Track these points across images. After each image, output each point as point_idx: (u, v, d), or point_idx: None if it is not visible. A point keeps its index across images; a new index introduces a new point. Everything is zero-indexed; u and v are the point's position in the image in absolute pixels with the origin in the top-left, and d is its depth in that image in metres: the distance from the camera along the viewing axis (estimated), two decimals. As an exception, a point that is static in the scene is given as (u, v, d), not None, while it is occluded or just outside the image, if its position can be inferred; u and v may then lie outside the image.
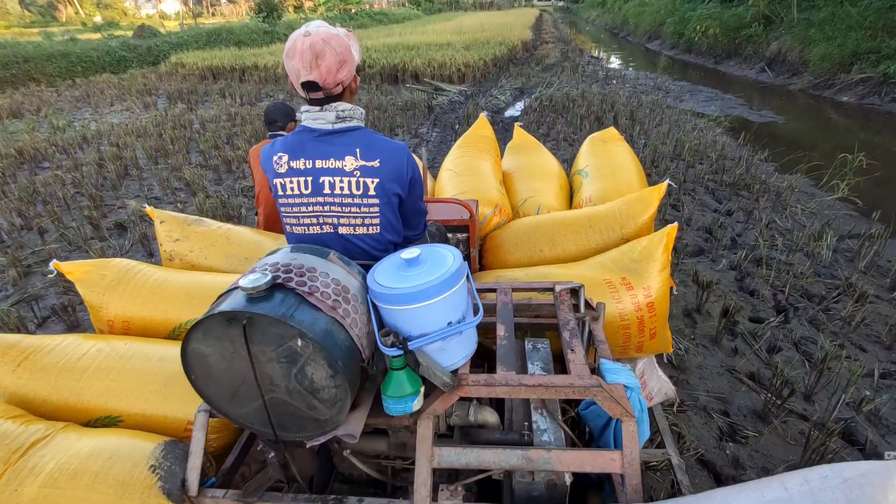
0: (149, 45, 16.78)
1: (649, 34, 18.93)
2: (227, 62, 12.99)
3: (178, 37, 18.41)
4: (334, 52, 1.18)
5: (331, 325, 1.01)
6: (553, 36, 21.62)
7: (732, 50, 12.65)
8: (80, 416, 1.41)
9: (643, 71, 12.85)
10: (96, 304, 1.73)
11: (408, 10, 38.62)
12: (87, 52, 14.79)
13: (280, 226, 2.53)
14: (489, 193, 2.40)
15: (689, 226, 4.09)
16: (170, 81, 12.51)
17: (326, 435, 1.10)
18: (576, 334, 1.32)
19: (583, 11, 42.23)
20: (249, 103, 9.84)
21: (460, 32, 17.32)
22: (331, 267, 1.12)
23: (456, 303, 1.10)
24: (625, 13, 24.13)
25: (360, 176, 1.21)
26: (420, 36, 16.57)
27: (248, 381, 1.04)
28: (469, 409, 1.26)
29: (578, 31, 28.53)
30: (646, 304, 1.72)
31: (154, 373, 1.47)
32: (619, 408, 1.10)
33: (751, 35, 12.08)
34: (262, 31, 20.49)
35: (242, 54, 14.21)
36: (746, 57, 12.01)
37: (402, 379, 1.05)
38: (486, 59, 11.58)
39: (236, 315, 0.95)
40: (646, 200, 2.01)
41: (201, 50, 16.12)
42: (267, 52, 14.56)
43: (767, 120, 7.96)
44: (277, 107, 2.69)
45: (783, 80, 10.41)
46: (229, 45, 17.93)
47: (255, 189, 2.67)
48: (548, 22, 30.64)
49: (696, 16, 14.40)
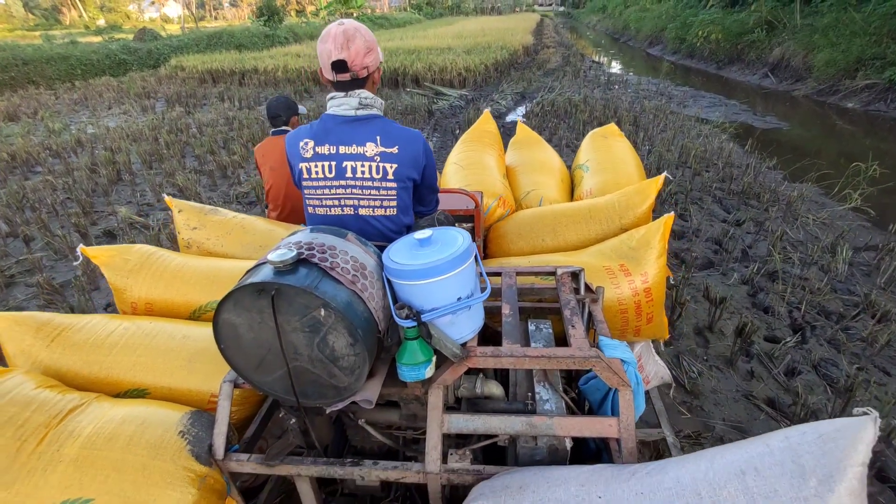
0: (149, 48, 16.77)
1: (650, 39, 18.91)
2: (226, 65, 12.95)
3: (178, 40, 18.38)
4: (364, 38, 1.31)
5: (351, 297, 1.10)
6: (554, 41, 21.37)
7: (735, 55, 12.55)
8: (111, 389, 1.51)
9: (645, 76, 12.66)
10: (121, 287, 1.82)
11: (409, 15, 38.71)
12: (86, 55, 14.74)
13: (292, 219, 2.64)
14: (493, 186, 2.49)
15: (697, 237, 3.88)
16: (169, 85, 12.45)
17: (345, 401, 1.19)
18: (576, 312, 1.40)
19: (583, 17, 42.44)
20: (248, 107, 9.73)
21: (461, 37, 17.28)
22: (349, 246, 1.21)
23: (465, 280, 1.19)
24: (625, 18, 24.13)
25: (380, 161, 1.31)
26: (421, 40, 16.52)
27: (274, 350, 1.13)
28: (476, 381, 1.35)
29: (579, 35, 28.26)
30: (643, 289, 1.81)
31: (178, 349, 1.56)
32: (616, 378, 1.19)
33: (753, 40, 11.97)
34: (262, 34, 20.48)
35: (242, 58, 14.17)
36: (749, 62, 11.92)
37: (416, 348, 1.14)
38: (487, 63, 11.52)
39: (265, 286, 1.04)
40: (644, 192, 2.10)
41: (201, 53, 16.14)
42: (267, 56, 14.44)
43: (772, 126, 7.81)
44: (280, 101, 2.72)
45: (787, 86, 10.26)
46: (230, 48, 17.96)
47: (265, 186, 2.74)
48: (549, 27, 30.36)
49: (697, 21, 14.34)
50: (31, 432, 1.22)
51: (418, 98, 9.71)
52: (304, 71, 11.93)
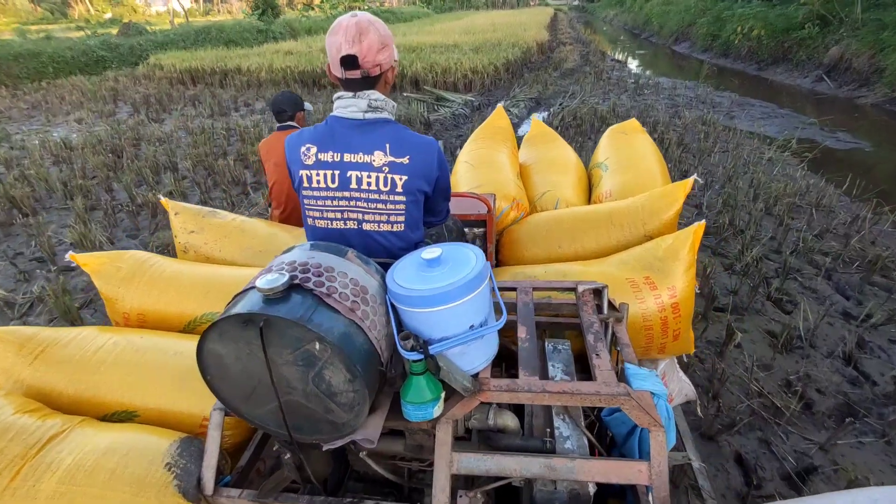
0: (131, 44, 15.29)
1: (676, 35, 17.26)
2: (207, 64, 11.59)
3: (164, 35, 16.91)
4: (378, 32, 1.16)
5: (349, 327, 0.98)
6: (570, 36, 19.41)
7: (780, 55, 10.95)
8: (97, 410, 1.41)
9: (677, 78, 10.91)
10: (112, 297, 1.73)
11: (417, 9, 36.84)
12: (59, 51, 13.24)
13: (295, 219, 2.53)
14: (506, 187, 2.34)
15: (815, 348, 2.55)
16: (144, 85, 11.21)
17: (343, 439, 1.07)
18: (600, 338, 1.27)
19: (599, 11, 40.11)
20: (222, 113, 8.38)
21: (470, 32, 15.83)
22: (349, 266, 1.09)
23: (479, 306, 1.06)
24: (647, 13, 22.34)
25: (388, 172, 1.17)
26: (426, 36, 15.20)
27: (265, 383, 1.01)
28: (488, 412, 1.23)
29: (595, 31, 26.66)
30: (670, 304, 1.66)
31: (170, 367, 1.46)
32: (647, 417, 1.06)
33: (803, 38, 10.34)
34: (255, 29, 18.86)
35: (228, 55, 12.89)
36: (798, 63, 10.27)
37: (423, 384, 1.02)
38: (496, 63, 10.11)
39: (253, 317, 0.92)
40: (671, 196, 1.94)
41: (186, 50, 14.70)
42: (254, 54, 13.13)
43: (850, 146, 6.27)
44: (285, 96, 2.63)
45: (848, 92, 8.66)
46: (218, 44, 16.40)
47: (268, 184, 2.64)
48: (563, 21, 28.25)
49: (735, 15, 12.66)
50: (6, 465, 1.12)
51: (416, 104, 8.18)
52: (290, 71, 10.59)
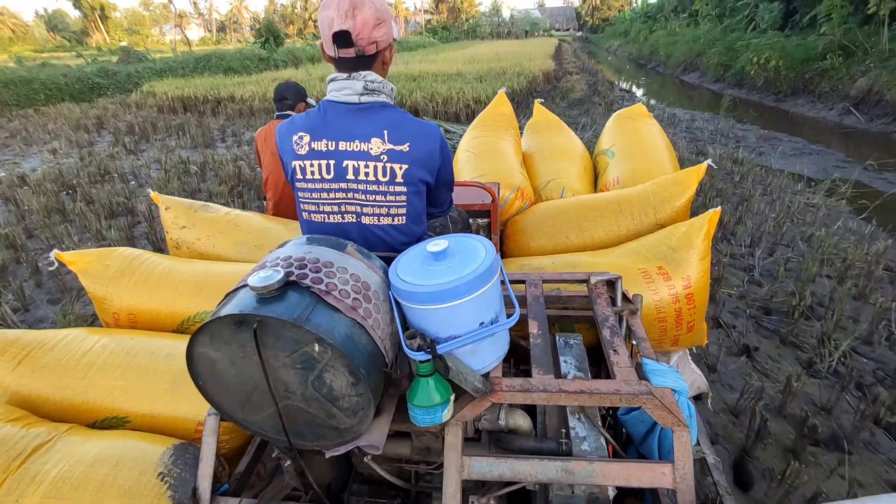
0: (129, 71, 15.18)
1: (684, 65, 16.86)
2: (201, 92, 11.28)
3: (164, 63, 16.93)
4: (374, 6, 1.06)
5: (351, 327, 0.90)
6: (576, 66, 18.77)
7: (800, 86, 10.30)
8: (85, 417, 1.34)
9: (692, 110, 10.08)
10: (101, 296, 1.65)
11: (423, 39, 37.34)
12: (53, 78, 13.11)
13: (291, 211, 2.45)
14: (510, 175, 2.26)
15: None
16: (133, 113, 10.77)
17: (347, 445, 1.01)
18: (617, 332, 1.20)
19: (602, 41, 40.49)
20: (206, 144, 7.80)
21: (474, 62, 15.37)
22: (349, 261, 1.01)
23: (489, 301, 0.99)
24: (652, 43, 22.39)
25: (387, 161, 1.09)
26: (429, 65, 14.83)
27: (261, 388, 0.94)
28: (500, 412, 1.16)
29: (599, 61, 25.95)
30: (685, 295, 1.60)
31: (162, 370, 1.39)
32: (671, 417, 0.99)
33: (825, 69, 9.77)
34: (256, 58, 18.86)
35: (224, 83, 12.60)
36: (821, 95, 9.57)
37: (431, 387, 0.95)
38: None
39: (246, 318, 0.85)
40: (683, 182, 1.86)
41: (184, 77, 14.71)
42: (252, 82, 12.87)
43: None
44: (289, 85, 2.62)
45: (882, 126, 7.92)
46: (218, 72, 16.42)
47: (262, 174, 2.56)
48: (567, 52, 27.46)
49: (751, 46, 12.22)
50: (-13, 479, 1.05)
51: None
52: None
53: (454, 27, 50.48)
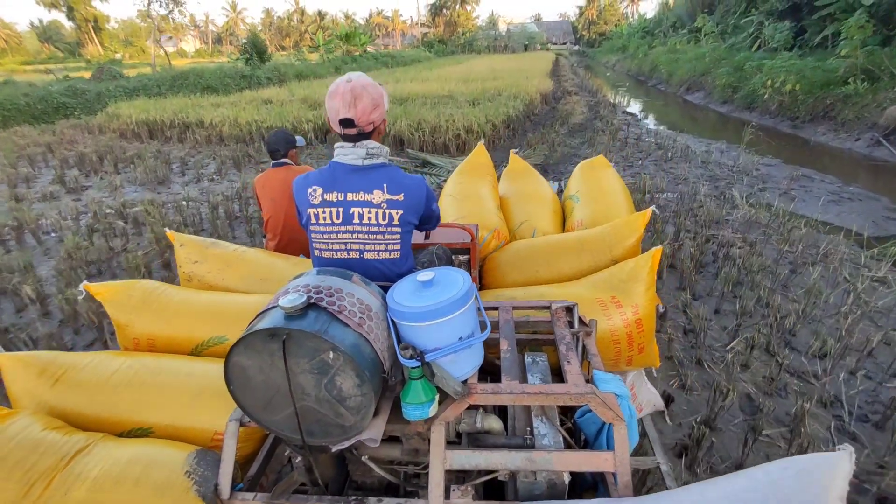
0: (99, 90, 13.97)
1: (688, 84, 15.97)
2: (167, 116, 10.19)
3: (137, 80, 15.67)
4: (370, 96, 1.38)
5: (358, 339, 1.15)
6: (575, 84, 17.77)
7: (820, 112, 9.38)
8: (114, 428, 1.52)
9: (703, 137, 9.30)
10: (123, 323, 1.85)
11: (418, 52, 37.40)
12: (13, 98, 11.91)
13: (290, 249, 2.70)
14: (488, 217, 2.57)
15: None
16: (90, 140, 9.74)
17: (351, 440, 1.23)
18: (571, 348, 1.46)
19: (600, 56, 39.87)
20: (160, 181, 6.79)
21: (468, 80, 14.44)
22: (355, 288, 1.27)
23: (466, 320, 1.25)
24: (653, 60, 21.63)
25: (386, 208, 1.38)
26: (420, 84, 14.05)
27: (282, 391, 1.17)
28: (476, 416, 1.39)
29: (596, 75, 25.86)
30: (634, 320, 1.88)
31: (182, 387, 1.59)
32: (611, 413, 1.25)
33: (848, 94, 8.90)
34: (238, 75, 17.55)
35: (198, 104, 11.67)
36: (844, 122, 8.72)
37: (420, 388, 1.19)
38: (496, 121, 8.55)
39: (277, 331, 1.09)
40: (632, 225, 2.19)
41: (159, 97, 13.59)
42: (229, 102, 11.83)
43: None
44: (278, 136, 2.83)
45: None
46: (196, 90, 15.19)
47: (264, 217, 2.81)
48: (565, 67, 26.84)
49: (765, 67, 11.37)
50: (39, 476, 1.23)
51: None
52: (256, 126, 9.13)
53: (451, 41, 50.03)
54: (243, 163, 7.79)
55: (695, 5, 22.43)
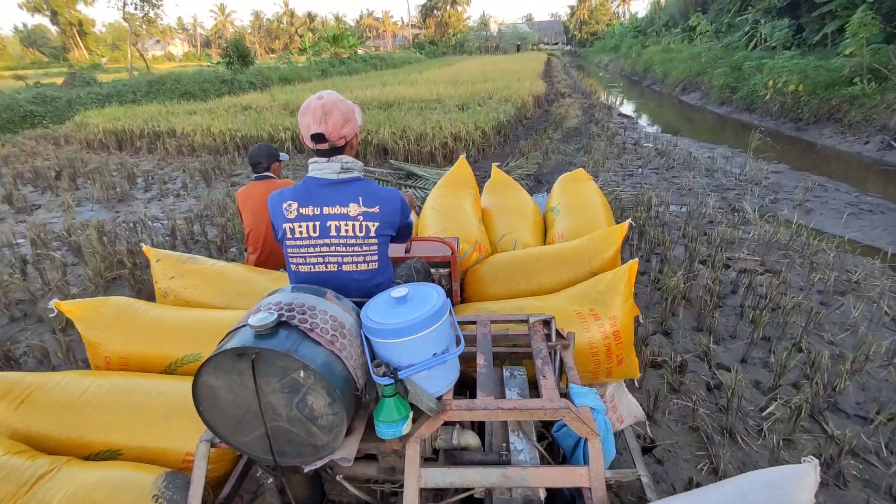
0: (70, 97, 13.23)
1: (683, 84, 15.47)
2: (137, 125, 9.49)
3: (112, 87, 15.00)
4: (341, 111, 1.41)
5: (329, 357, 1.14)
6: (568, 86, 17.08)
7: (825, 113, 8.95)
8: (81, 451, 1.48)
9: (705, 141, 8.77)
10: (94, 341, 1.81)
11: (409, 54, 36.67)
12: None
13: (271, 263, 2.67)
14: (469, 230, 2.58)
15: None
16: (52, 152, 9.07)
17: (323, 459, 1.21)
18: (547, 362, 1.47)
19: (592, 55, 39.44)
20: (119, 198, 6.19)
21: (458, 83, 13.82)
22: (328, 305, 1.26)
23: (440, 336, 1.24)
24: (646, 59, 21.29)
25: (363, 220, 1.39)
26: (408, 87, 13.41)
27: (253, 411, 1.15)
28: (452, 433, 1.39)
29: (588, 74, 25.45)
30: (612, 332, 1.89)
31: (153, 407, 1.55)
32: (586, 427, 1.25)
33: (855, 95, 8.46)
34: (218, 80, 16.80)
35: (173, 111, 11.07)
36: (852, 125, 8.28)
37: (393, 405, 1.18)
38: (485, 127, 7.94)
39: (246, 350, 1.08)
40: (610, 238, 2.22)
41: (130, 104, 12.87)
42: (205, 109, 11.16)
43: None
44: (261, 149, 2.82)
45: None
46: (173, 96, 14.54)
47: (245, 230, 2.78)
48: (557, 67, 26.05)
49: (766, 67, 10.90)
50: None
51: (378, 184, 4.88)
52: (231, 135, 8.48)
53: (442, 42, 49.71)
54: (213, 176, 7.15)
55: (688, 4, 22.34)
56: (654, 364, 2.64)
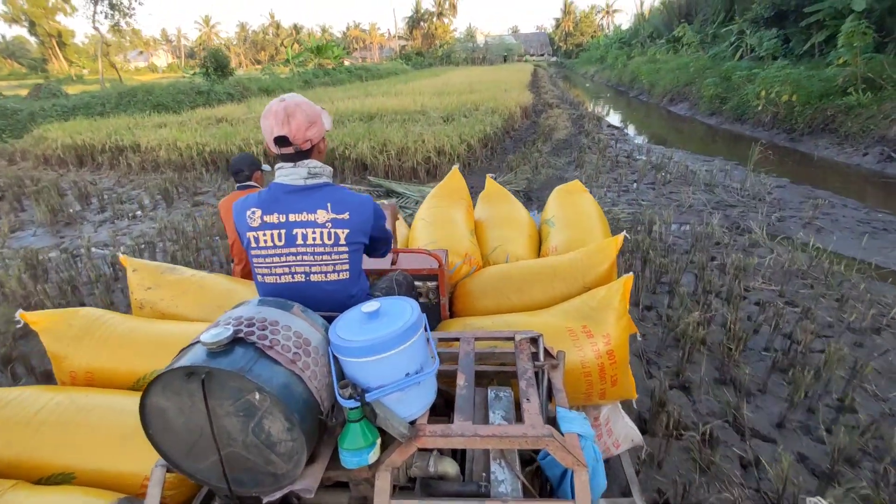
0: (33, 109, 12.70)
1: (671, 95, 15.42)
2: (99, 139, 8.93)
3: (79, 99, 14.39)
4: (304, 113, 1.33)
5: (289, 378, 1.05)
6: (556, 96, 16.99)
7: (820, 124, 8.81)
8: (32, 474, 1.38)
9: (698, 153, 8.52)
10: (60, 355, 1.72)
11: (395, 65, 37.04)
12: None
13: (256, 274, 2.60)
14: (460, 243, 2.49)
15: None
16: (4, 168, 8.70)
17: (282, 490, 1.10)
18: (532, 384, 1.36)
19: (578, 67, 39.87)
20: (66, 222, 5.74)
21: (443, 93, 13.54)
22: (293, 320, 1.17)
23: (413, 354, 1.15)
24: (632, 70, 21.32)
25: (331, 227, 1.31)
26: (392, 98, 13.05)
27: (206, 436, 1.05)
28: (429, 460, 1.28)
29: (574, 85, 25.63)
30: (605, 351, 1.79)
31: (112, 426, 1.46)
32: (571, 457, 1.14)
33: (850, 105, 8.32)
34: (194, 91, 16.22)
35: (140, 124, 10.62)
36: (848, 136, 8.15)
37: (359, 430, 1.08)
38: (471, 140, 7.63)
39: (195, 369, 0.98)
40: (605, 252, 2.12)
41: (97, 117, 12.29)
42: (175, 122, 10.66)
43: None
44: (243, 157, 2.78)
45: None
46: (146, 109, 13.93)
47: (229, 240, 2.72)
48: (544, 78, 26.17)
49: (759, 77, 10.74)
50: (-73, 534, 1.09)
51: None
52: (199, 149, 8.01)
53: (429, 53, 50.43)
54: (176, 195, 6.62)
55: (672, 15, 22.71)
56: (677, 435, 2.27)
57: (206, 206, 6.23)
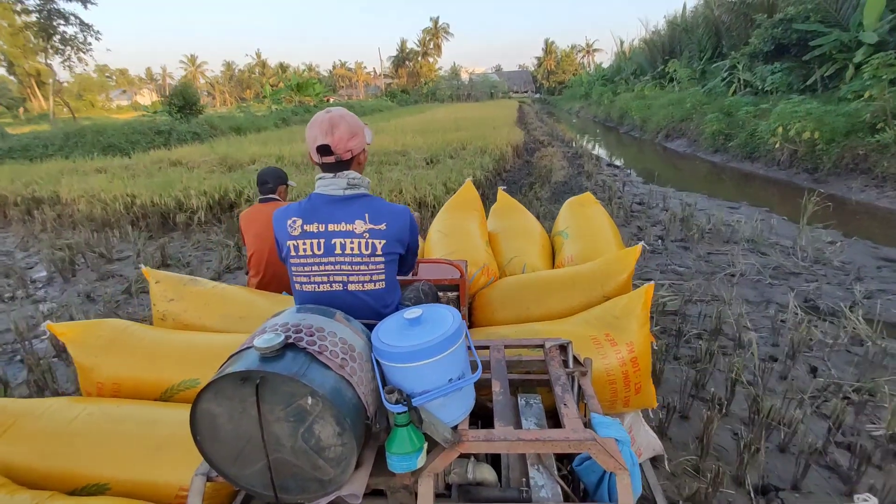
0: None
1: (666, 131, 14.63)
2: (13, 190, 7.65)
3: (17, 140, 13.16)
4: (348, 124, 1.38)
5: (339, 382, 1.06)
6: (546, 133, 16.12)
7: (849, 164, 7.97)
8: (66, 485, 1.37)
9: (720, 198, 7.39)
10: (87, 366, 1.72)
11: (380, 102, 36.66)
12: None
13: (273, 286, 2.61)
14: (476, 253, 2.53)
15: None
16: None
17: (329, 496, 1.11)
18: (567, 389, 1.38)
19: (562, 103, 39.61)
20: None
21: (428, 132, 12.51)
22: (337, 326, 1.19)
23: (456, 360, 1.17)
24: (621, 106, 20.87)
25: (369, 238, 1.34)
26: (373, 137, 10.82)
27: (254, 442, 1.06)
28: (467, 466, 1.29)
29: (560, 121, 25.22)
30: (630, 359, 1.81)
31: (145, 437, 1.45)
32: (613, 461, 1.16)
33: (885, 144, 7.47)
34: (153, 131, 14.90)
35: (77, 168, 9.57)
36: (885, 177, 7.30)
37: (406, 436, 1.09)
38: (457, 187, 6.13)
39: (250, 374, 1.00)
40: (623, 261, 2.16)
41: (28, 162, 11.07)
42: (119, 166, 9.51)
43: None
44: (270, 169, 2.85)
45: None
46: (94, 150, 12.64)
47: (247, 253, 2.74)
48: (530, 114, 25.39)
49: (774, 113, 9.69)
50: (-30, 545, 1.08)
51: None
52: (127, 203, 6.70)
53: (414, 90, 50.92)
54: (83, 263, 5.08)
55: (655, 53, 23.23)
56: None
57: (116, 280, 4.63)
